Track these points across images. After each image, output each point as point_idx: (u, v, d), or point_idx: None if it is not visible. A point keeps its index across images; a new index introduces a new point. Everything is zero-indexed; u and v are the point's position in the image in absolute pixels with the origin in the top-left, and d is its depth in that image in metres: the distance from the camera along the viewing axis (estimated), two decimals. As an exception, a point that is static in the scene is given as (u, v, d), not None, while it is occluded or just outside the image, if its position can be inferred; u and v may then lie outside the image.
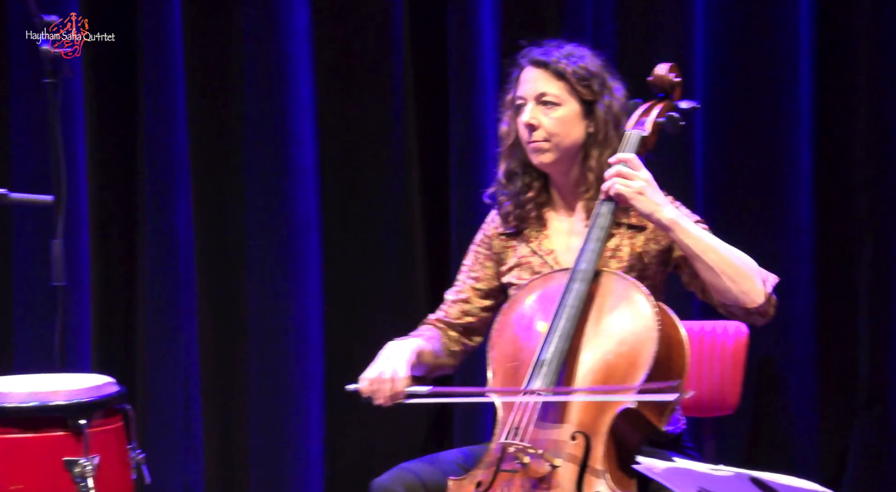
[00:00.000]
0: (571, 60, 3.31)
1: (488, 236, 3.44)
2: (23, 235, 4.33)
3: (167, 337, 4.46)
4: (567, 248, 3.35)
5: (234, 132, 4.51)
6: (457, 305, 3.43)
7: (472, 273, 3.44)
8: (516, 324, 3.22)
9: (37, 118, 4.28)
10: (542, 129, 3.29)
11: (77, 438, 2.99)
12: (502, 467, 3.04)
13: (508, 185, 3.39)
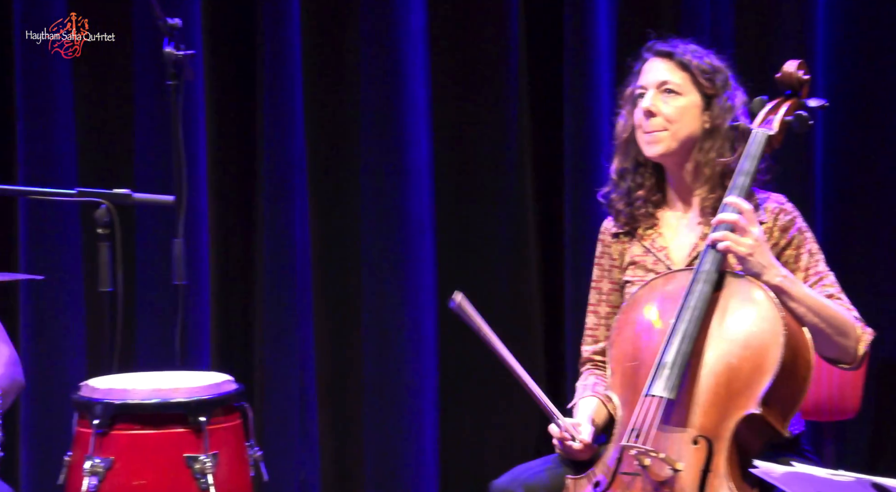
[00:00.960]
0: (696, 55, 3.32)
1: (606, 245, 3.43)
2: (145, 234, 4.39)
3: (284, 336, 4.50)
4: (681, 244, 3.32)
5: (350, 133, 4.53)
6: (600, 329, 3.41)
7: (603, 287, 3.42)
8: (636, 323, 3.20)
9: (159, 120, 4.34)
10: (660, 116, 3.28)
11: (197, 435, 3.03)
12: (622, 470, 3.02)
13: (620, 182, 3.38)
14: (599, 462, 3.10)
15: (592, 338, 3.43)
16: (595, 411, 3.26)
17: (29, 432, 4.32)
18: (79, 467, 2.99)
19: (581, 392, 3.36)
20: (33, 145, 4.32)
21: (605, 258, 3.43)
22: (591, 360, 3.42)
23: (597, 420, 3.25)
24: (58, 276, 4.32)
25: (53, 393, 4.29)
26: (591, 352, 3.42)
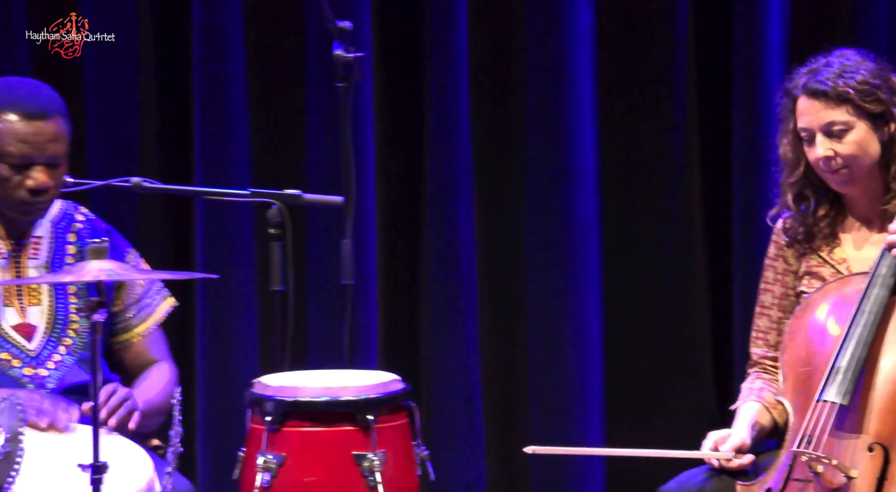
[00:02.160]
0: (848, 78, 3.19)
1: (781, 248, 3.37)
2: (315, 234, 4.47)
3: (449, 336, 4.53)
4: (864, 257, 3.25)
5: (516, 135, 4.54)
6: (772, 333, 3.36)
7: (776, 290, 3.37)
8: (810, 328, 3.15)
9: (329, 122, 4.41)
10: (838, 157, 3.20)
11: (365, 433, 3.07)
12: (794, 476, 2.98)
13: (797, 208, 3.30)
14: (771, 468, 3.06)
15: (763, 341, 3.37)
16: (756, 417, 3.22)
17: (205, 428, 4.42)
18: (252, 462, 3.06)
19: (746, 396, 3.32)
20: (210, 148, 4.42)
21: (780, 261, 3.37)
22: (761, 363, 3.37)
23: (757, 426, 3.20)
24: (232, 274, 4.41)
25: (228, 389, 4.38)
26: (761, 355, 3.37)
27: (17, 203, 3.24)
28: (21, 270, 3.33)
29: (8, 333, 3.29)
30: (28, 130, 3.20)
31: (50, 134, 3.22)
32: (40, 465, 2.95)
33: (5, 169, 3.22)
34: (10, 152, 3.20)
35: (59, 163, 3.25)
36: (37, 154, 3.21)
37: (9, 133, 3.20)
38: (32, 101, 3.25)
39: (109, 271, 2.89)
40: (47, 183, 3.23)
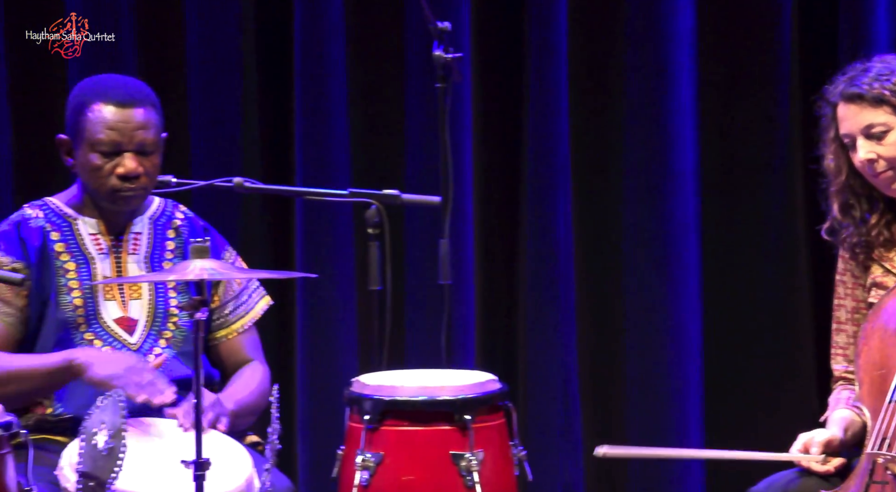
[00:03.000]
0: (884, 81, 3.19)
1: (847, 262, 3.34)
2: (413, 234, 4.48)
3: (547, 336, 4.52)
4: None
5: (615, 134, 4.53)
6: (851, 348, 3.33)
7: (847, 305, 3.34)
8: (882, 331, 3.12)
9: (428, 122, 4.42)
10: (881, 159, 3.18)
11: (463, 433, 3.07)
12: (874, 479, 2.95)
13: (846, 217, 3.27)
14: (852, 474, 3.03)
15: (843, 356, 3.35)
16: (848, 423, 3.19)
17: (304, 426, 4.46)
18: (351, 461, 3.08)
19: (834, 406, 3.30)
20: (310, 148, 4.46)
21: (848, 276, 3.35)
22: (844, 378, 3.34)
23: (849, 432, 3.17)
24: (330, 274, 4.44)
25: (327, 388, 4.42)
26: (843, 370, 3.34)
27: (109, 191, 3.30)
28: (121, 264, 3.38)
29: (110, 327, 3.34)
30: (116, 117, 3.28)
31: (138, 121, 3.29)
32: (143, 460, 2.99)
33: (97, 157, 3.29)
34: (100, 140, 3.28)
35: (148, 150, 3.31)
36: (125, 141, 3.28)
37: (98, 122, 3.28)
38: (121, 91, 3.33)
39: (211, 270, 2.93)
40: (136, 170, 3.28)
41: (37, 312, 3.31)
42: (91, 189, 3.33)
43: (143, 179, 3.31)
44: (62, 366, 3.19)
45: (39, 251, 3.33)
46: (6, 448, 2.82)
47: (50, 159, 3.44)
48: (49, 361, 3.21)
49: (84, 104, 3.30)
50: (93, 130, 3.28)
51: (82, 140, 3.30)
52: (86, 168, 3.30)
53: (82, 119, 3.29)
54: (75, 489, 2.88)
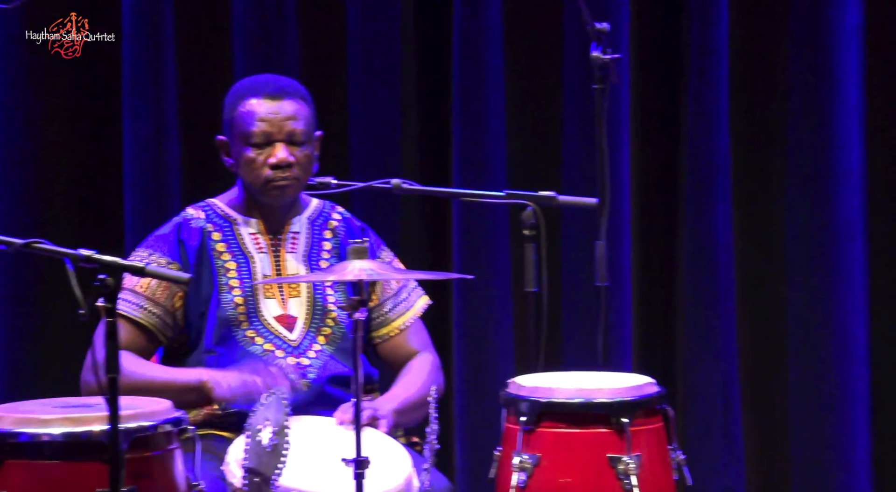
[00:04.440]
0: None
1: None
2: (570, 236, 4.47)
3: (705, 340, 4.47)
4: None
5: (777, 135, 4.46)
6: None
7: None
8: None
9: (585, 124, 4.41)
10: None
11: (620, 435, 3.05)
12: None
13: None
14: None
15: None
16: None
17: (462, 426, 4.48)
18: (508, 462, 3.08)
19: None
20: (467, 150, 4.48)
21: None
22: None
23: None
24: (487, 275, 4.46)
25: (484, 388, 4.43)
26: None
27: (263, 182, 3.37)
28: (280, 263, 3.44)
29: (270, 324, 3.40)
30: (266, 109, 3.36)
31: (287, 112, 3.36)
32: (305, 458, 3.04)
33: (251, 150, 3.36)
34: (252, 132, 3.35)
35: (298, 140, 3.37)
36: (275, 131, 3.35)
37: (250, 115, 3.36)
38: (271, 84, 3.41)
39: (370, 271, 2.96)
40: (287, 159, 3.35)
41: (197, 311, 3.38)
42: (248, 184, 3.40)
43: (296, 168, 3.37)
44: (193, 385, 3.26)
45: (198, 251, 3.41)
46: (175, 444, 2.89)
47: (215, 160, 3.52)
48: (182, 378, 3.29)
49: (237, 101, 3.39)
50: (245, 124, 3.36)
51: (237, 136, 3.38)
52: (241, 163, 3.38)
53: (236, 115, 3.38)
54: (241, 485, 2.93)
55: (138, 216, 4.31)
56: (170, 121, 4.35)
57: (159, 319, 3.36)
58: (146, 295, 3.35)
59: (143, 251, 3.41)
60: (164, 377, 3.29)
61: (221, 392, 3.22)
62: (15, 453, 2.78)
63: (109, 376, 2.63)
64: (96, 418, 2.78)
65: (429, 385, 3.34)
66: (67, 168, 4.37)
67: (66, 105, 4.37)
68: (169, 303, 3.36)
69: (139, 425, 2.82)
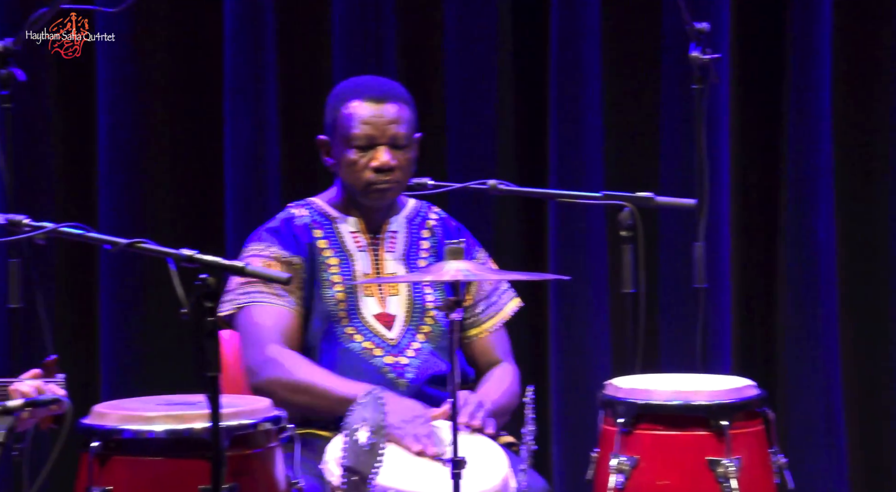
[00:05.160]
0: None
1: None
2: (667, 237, 4.44)
3: (807, 343, 4.42)
4: None
5: (882, 136, 4.41)
6: None
7: None
8: None
9: (684, 124, 4.38)
10: None
11: (719, 438, 3.03)
12: None
13: None
14: None
15: None
16: None
17: (559, 427, 4.47)
18: (605, 463, 3.07)
19: None
20: (564, 150, 4.47)
21: None
22: None
23: None
24: (583, 276, 4.44)
25: (580, 389, 4.42)
26: None
27: (364, 185, 3.39)
28: (379, 261, 3.46)
29: (369, 323, 3.42)
30: (370, 112, 3.37)
31: (391, 116, 3.37)
32: (402, 458, 3.05)
33: (353, 153, 3.38)
34: (355, 135, 3.37)
35: (401, 144, 3.38)
36: (378, 134, 3.36)
37: (353, 117, 3.37)
38: (375, 88, 3.42)
39: (466, 272, 2.96)
40: (390, 163, 3.36)
41: (306, 305, 3.41)
42: (348, 185, 3.43)
43: (397, 172, 3.38)
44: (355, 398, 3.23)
45: (308, 246, 3.44)
46: (275, 442, 2.91)
47: (315, 160, 3.55)
48: (345, 389, 3.25)
49: (340, 103, 3.41)
50: (348, 126, 3.38)
51: (339, 137, 3.40)
52: (343, 164, 3.40)
53: (338, 117, 3.40)
54: (339, 483, 2.95)
55: (239, 216, 4.35)
56: (270, 121, 4.39)
57: (298, 307, 3.39)
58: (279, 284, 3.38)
59: (259, 245, 3.44)
60: (325, 384, 3.27)
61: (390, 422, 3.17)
62: (120, 449, 2.83)
63: (210, 375, 2.65)
64: (198, 416, 2.81)
65: (513, 392, 3.35)
66: (170, 169, 4.43)
67: (168, 107, 4.42)
68: (297, 292, 3.39)
69: (240, 423, 2.85)
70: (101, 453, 2.82)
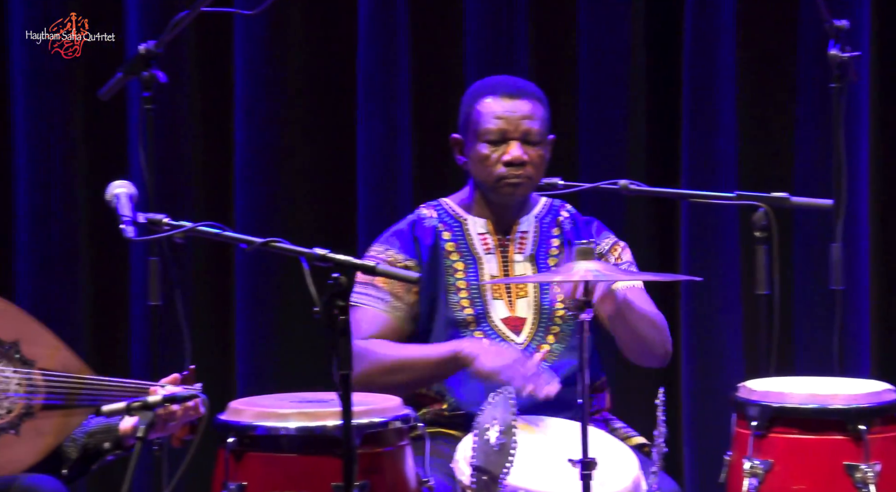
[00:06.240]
0: None
1: None
2: (802, 238, 4.38)
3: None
4: None
5: None
6: None
7: None
8: None
9: (820, 123, 4.32)
10: None
11: (857, 443, 2.98)
12: None
13: None
14: None
15: None
16: None
17: (690, 429, 4.43)
18: (738, 467, 3.04)
19: None
20: (697, 150, 4.43)
21: None
22: None
23: None
24: (716, 277, 4.40)
25: (712, 391, 4.37)
26: None
27: (495, 179, 3.40)
28: (508, 264, 3.46)
29: (498, 327, 3.42)
30: (503, 107, 3.40)
31: (524, 111, 3.40)
32: (532, 457, 3.05)
33: (485, 147, 3.40)
34: (487, 129, 3.39)
35: (533, 140, 3.39)
36: (511, 129, 3.39)
37: (487, 112, 3.40)
38: (509, 84, 3.45)
39: (596, 272, 2.95)
40: (521, 157, 3.38)
41: (427, 310, 3.43)
42: (480, 181, 3.44)
43: (528, 167, 3.39)
44: (449, 356, 3.28)
45: (431, 250, 3.46)
46: (405, 440, 2.94)
47: (446, 160, 3.57)
48: (437, 352, 3.31)
49: (474, 99, 3.44)
50: (481, 122, 3.40)
51: (472, 133, 3.42)
52: (475, 160, 3.42)
53: (472, 113, 3.42)
54: (469, 482, 2.96)
55: (371, 216, 4.39)
56: (402, 122, 4.42)
57: (401, 312, 3.42)
58: (389, 290, 3.42)
59: (380, 246, 3.48)
60: (416, 354, 3.33)
61: (481, 363, 3.23)
62: (254, 445, 2.88)
63: (342, 373, 2.68)
64: (330, 414, 2.85)
65: (659, 316, 3.33)
66: (304, 169, 4.49)
67: (303, 107, 4.48)
68: (407, 297, 3.42)
69: (370, 421, 2.88)
70: (236, 449, 2.87)
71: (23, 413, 2.68)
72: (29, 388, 2.69)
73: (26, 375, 2.69)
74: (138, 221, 2.93)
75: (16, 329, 2.68)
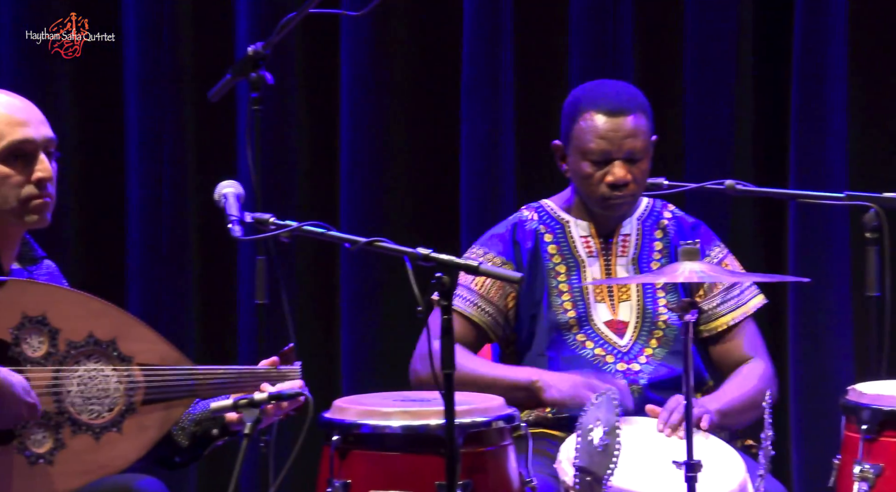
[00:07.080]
0: None
1: None
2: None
3: None
4: None
5: None
6: None
7: None
8: None
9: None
10: None
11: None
12: None
13: None
14: None
15: None
16: None
17: (798, 432, 4.37)
18: (848, 471, 2.99)
19: None
20: (805, 150, 4.37)
21: None
22: None
23: None
24: (825, 279, 4.33)
25: (822, 394, 4.31)
26: None
27: (599, 199, 3.37)
28: (610, 267, 3.44)
29: (601, 329, 3.40)
30: (607, 126, 3.34)
31: (627, 130, 3.34)
32: (636, 459, 3.03)
33: (587, 166, 3.36)
34: (590, 149, 3.35)
35: (637, 158, 3.35)
36: (614, 149, 3.34)
37: (590, 131, 3.35)
38: (613, 99, 3.38)
39: (701, 273, 2.93)
40: (625, 178, 3.33)
41: (528, 314, 3.42)
42: (582, 195, 3.42)
43: (632, 186, 3.36)
44: (522, 384, 3.28)
45: (531, 254, 3.45)
46: (508, 440, 2.94)
47: (549, 162, 3.55)
48: (512, 376, 3.31)
49: (577, 112, 3.38)
50: (584, 139, 3.36)
51: (574, 148, 3.38)
52: (577, 175, 3.39)
53: (575, 127, 3.38)
54: (573, 483, 2.95)
55: (473, 216, 4.40)
56: (505, 123, 4.42)
57: (491, 317, 3.42)
58: (480, 293, 3.42)
59: (479, 249, 3.48)
60: (492, 374, 3.34)
61: (552, 395, 3.25)
62: (359, 443, 2.90)
63: (445, 372, 2.69)
64: (433, 413, 2.86)
65: (758, 390, 3.28)
66: (408, 169, 4.51)
67: (407, 108, 4.50)
68: (502, 302, 3.42)
69: (473, 420, 2.89)
70: (341, 447, 2.90)
71: (124, 410, 2.72)
72: (129, 385, 2.73)
73: (125, 371, 2.73)
74: (245, 220, 2.96)
75: (112, 327, 2.72)
